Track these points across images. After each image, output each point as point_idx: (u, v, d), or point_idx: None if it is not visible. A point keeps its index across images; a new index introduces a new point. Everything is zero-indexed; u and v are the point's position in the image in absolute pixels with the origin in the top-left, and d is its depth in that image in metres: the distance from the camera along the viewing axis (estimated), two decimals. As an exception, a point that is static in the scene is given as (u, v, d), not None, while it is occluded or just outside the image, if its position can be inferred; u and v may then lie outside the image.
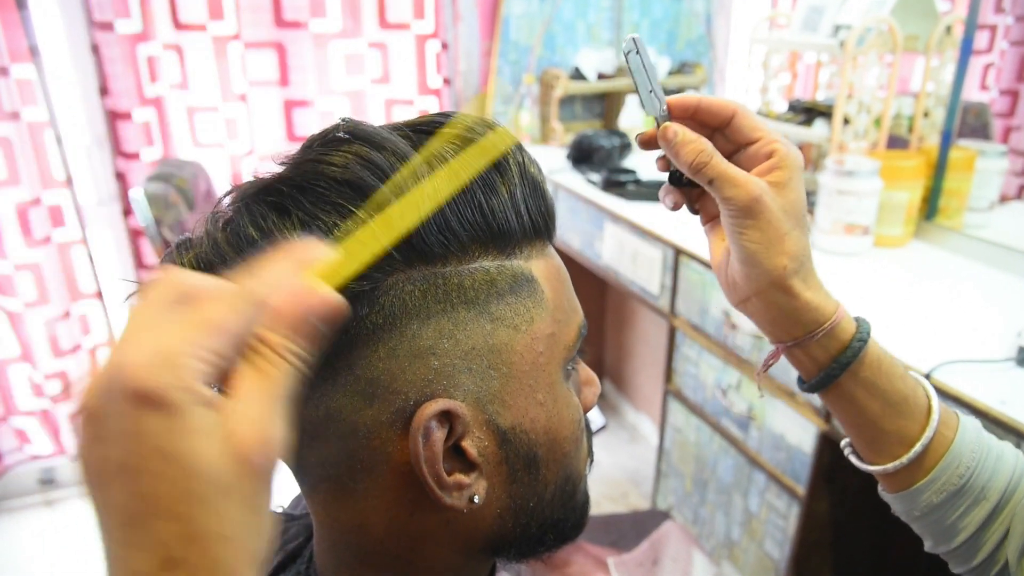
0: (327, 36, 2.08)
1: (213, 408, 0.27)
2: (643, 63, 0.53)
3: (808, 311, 0.53)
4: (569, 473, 0.49)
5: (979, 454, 0.54)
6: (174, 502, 0.26)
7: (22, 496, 2.27)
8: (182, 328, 0.28)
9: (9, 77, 1.79)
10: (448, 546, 0.47)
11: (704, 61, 2.54)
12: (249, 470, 0.27)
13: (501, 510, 0.46)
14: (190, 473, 0.26)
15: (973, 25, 1.52)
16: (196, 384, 0.27)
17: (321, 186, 0.40)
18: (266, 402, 0.28)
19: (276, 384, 0.29)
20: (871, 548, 1.57)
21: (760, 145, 0.52)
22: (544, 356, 0.46)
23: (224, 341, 0.28)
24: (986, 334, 1.21)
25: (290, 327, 0.30)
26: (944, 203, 1.62)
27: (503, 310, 0.44)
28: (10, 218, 1.89)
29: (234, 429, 0.27)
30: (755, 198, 0.50)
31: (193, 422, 0.27)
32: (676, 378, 1.80)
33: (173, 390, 0.26)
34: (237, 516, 0.27)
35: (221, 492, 0.27)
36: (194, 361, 0.27)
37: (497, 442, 0.44)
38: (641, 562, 1.03)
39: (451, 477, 0.43)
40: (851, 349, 0.53)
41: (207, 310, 0.28)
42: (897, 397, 0.54)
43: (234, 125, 2.08)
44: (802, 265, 0.52)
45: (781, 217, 0.51)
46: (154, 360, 0.26)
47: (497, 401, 0.44)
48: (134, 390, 0.26)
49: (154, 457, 0.26)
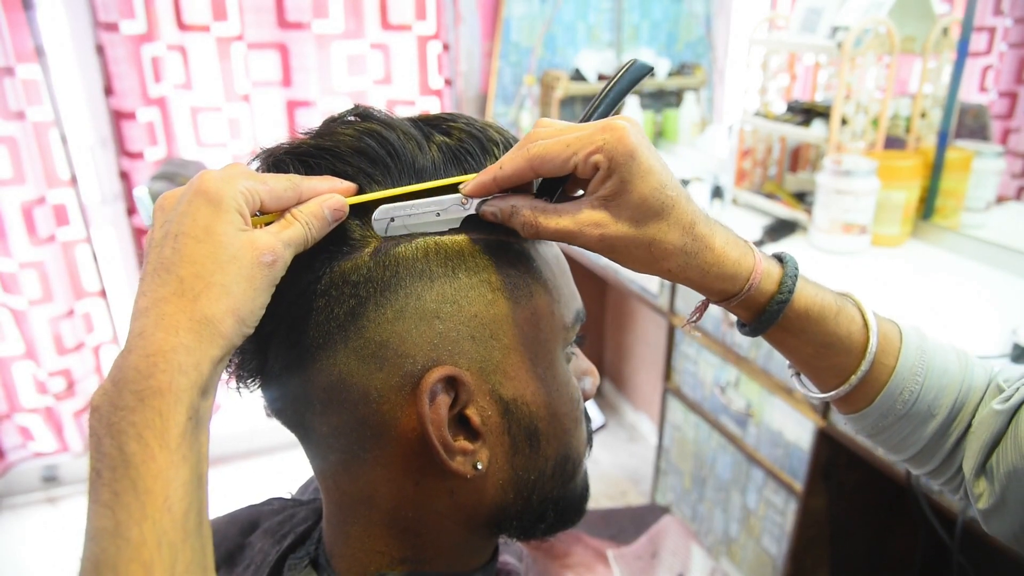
0: (329, 37, 2.09)
1: (244, 220, 0.41)
2: (404, 215, 0.46)
3: (716, 284, 0.48)
4: (568, 452, 0.51)
5: (922, 376, 0.54)
6: (200, 257, 0.39)
7: (25, 493, 2.28)
8: (245, 178, 0.42)
9: (15, 77, 1.80)
10: (453, 518, 0.48)
11: (703, 62, 2.56)
12: (252, 254, 0.40)
13: (503, 481, 0.48)
14: (217, 242, 0.40)
15: (969, 27, 1.54)
16: (240, 204, 0.41)
17: (340, 149, 0.46)
18: (285, 235, 0.42)
19: (288, 230, 0.42)
20: (868, 544, 1.59)
21: (581, 169, 0.44)
22: (544, 333, 0.48)
23: (266, 192, 0.42)
24: (982, 331, 1.22)
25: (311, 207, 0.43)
26: (941, 203, 1.64)
27: (503, 281, 0.47)
28: (15, 217, 1.90)
29: (259, 236, 0.41)
30: (597, 240, 0.45)
31: (231, 216, 0.40)
32: (675, 376, 1.82)
33: (226, 196, 0.40)
34: (235, 277, 0.40)
35: (230, 259, 0.40)
36: (246, 191, 0.41)
37: (500, 412, 0.47)
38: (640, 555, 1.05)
39: (456, 442, 0.45)
40: (768, 312, 0.50)
41: (264, 177, 0.43)
42: (831, 339, 0.52)
43: (237, 125, 2.10)
44: (688, 254, 0.46)
45: (635, 234, 0.45)
46: (221, 177, 0.41)
47: (499, 372, 0.46)
48: (204, 189, 0.40)
49: (198, 229, 0.40)
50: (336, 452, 0.48)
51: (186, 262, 0.39)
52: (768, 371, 1.47)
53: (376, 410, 0.45)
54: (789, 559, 1.50)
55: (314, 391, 0.46)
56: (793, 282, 0.50)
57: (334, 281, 0.45)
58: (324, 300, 0.45)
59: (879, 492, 1.50)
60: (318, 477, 0.51)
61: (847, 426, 0.59)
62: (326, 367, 0.45)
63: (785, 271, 0.51)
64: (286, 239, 0.42)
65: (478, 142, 0.48)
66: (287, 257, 0.42)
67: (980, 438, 0.54)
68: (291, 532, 0.56)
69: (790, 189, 1.90)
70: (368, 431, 0.46)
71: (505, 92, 2.36)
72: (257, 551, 0.55)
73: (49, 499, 2.27)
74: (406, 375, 0.44)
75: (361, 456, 0.47)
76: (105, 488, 0.35)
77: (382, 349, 0.44)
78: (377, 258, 0.45)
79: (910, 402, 0.54)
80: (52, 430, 2.17)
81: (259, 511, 0.61)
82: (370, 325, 0.44)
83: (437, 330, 0.44)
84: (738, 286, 0.49)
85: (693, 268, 0.47)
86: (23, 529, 2.15)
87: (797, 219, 1.71)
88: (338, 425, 0.46)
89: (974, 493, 0.55)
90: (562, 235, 0.45)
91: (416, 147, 0.47)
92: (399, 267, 0.45)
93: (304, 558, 0.53)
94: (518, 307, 0.47)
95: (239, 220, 0.40)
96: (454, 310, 0.45)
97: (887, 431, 0.56)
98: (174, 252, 0.40)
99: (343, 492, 0.49)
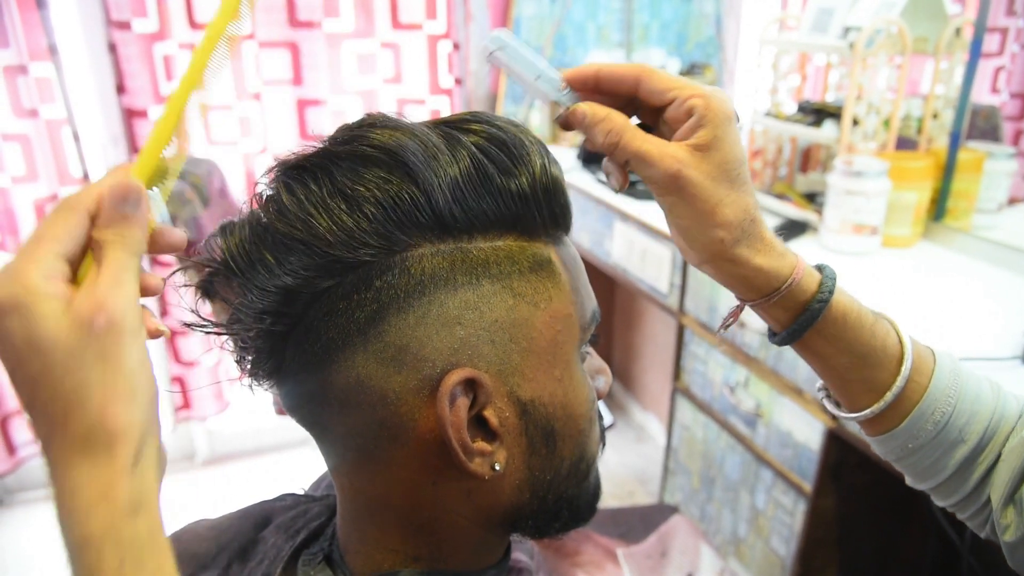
0: (340, 36, 2.10)
1: (60, 297, 0.34)
2: (512, 56, 0.48)
3: (759, 276, 0.49)
4: (583, 452, 0.51)
5: (955, 399, 0.52)
6: (37, 374, 0.34)
7: (36, 489, 2.29)
8: (24, 249, 0.35)
9: (28, 75, 1.81)
10: (469, 517, 0.48)
11: (714, 63, 2.55)
12: (90, 331, 0.34)
13: (520, 481, 0.48)
14: (44, 349, 0.33)
15: (982, 27, 1.53)
16: (41, 284, 0.34)
17: (355, 160, 0.44)
18: (102, 278, 0.35)
19: (108, 265, 0.36)
20: (877, 545, 1.58)
21: (676, 106, 0.47)
22: (562, 335, 0.48)
23: (56, 245, 0.35)
24: (993, 333, 1.22)
25: (102, 221, 0.36)
26: (952, 204, 1.63)
27: (524, 287, 0.47)
28: (28, 214, 1.91)
29: (74, 304, 0.34)
30: (672, 175, 0.46)
31: (40, 311, 0.33)
32: (684, 376, 1.82)
33: (19, 295, 0.33)
34: (91, 370, 0.34)
35: (71, 355, 0.34)
36: (35, 268, 0.34)
37: (517, 413, 0.47)
38: (649, 554, 1.05)
39: (474, 444, 0.45)
40: (810, 311, 0.50)
41: (38, 229, 0.36)
42: (865, 349, 0.52)
43: (248, 123, 2.11)
44: (744, 232, 0.48)
45: (709, 187, 0.46)
46: (4, 283, 0.34)
47: (518, 374, 0.46)
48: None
49: (19, 349, 0.34)
50: (352, 451, 0.48)
51: (33, 389, 0.34)
52: (778, 371, 1.47)
53: (394, 412, 0.45)
54: (798, 560, 1.50)
55: (331, 392, 0.46)
56: (833, 283, 0.51)
57: (356, 285, 0.44)
58: (345, 303, 0.44)
59: (889, 493, 1.49)
60: (333, 475, 0.52)
61: (875, 448, 0.57)
62: (344, 368, 0.45)
63: (824, 274, 0.51)
64: (109, 280, 0.35)
65: (504, 146, 0.46)
66: (124, 296, 0.35)
67: (1010, 467, 0.52)
68: (304, 528, 0.56)
69: (800, 189, 1.89)
70: (385, 432, 0.46)
71: (515, 91, 2.37)
72: (270, 546, 0.56)
73: (59, 495, 2.28)
74: (425, 378, 0.44)
75: (378, 456, 0.47)
76: None
77: (402, 353, 0.44)
78: (402, 265, 0.44)
79: (941, 424, 0.52)
80: (63, 426, 2.18)
81: (272, 507, 0.61)
82: (391, 330, 0.44)
83: (458, 335, 0.44)
84: (780, 280, 0.50)
85: (743, 247, 0.49)
86: (34, 525, 2.17)
87: (808, 219, 1.70)
88: (355, 425, 0.46)
89: (1001, 524, 0.53)
90: (642, 155, 0.47)
91: (437, 155, 0.45)
92: (423, 275, 0.44)
93: (318, 554, 0.53)
94: (537, 311, 0.47)
95: (50, 304, 0.34)
96: (476, 316, 0.45)
97: (915, 455, 0.54)
98: (16, 387, 0.35)
99: (358, 491, 0.49)
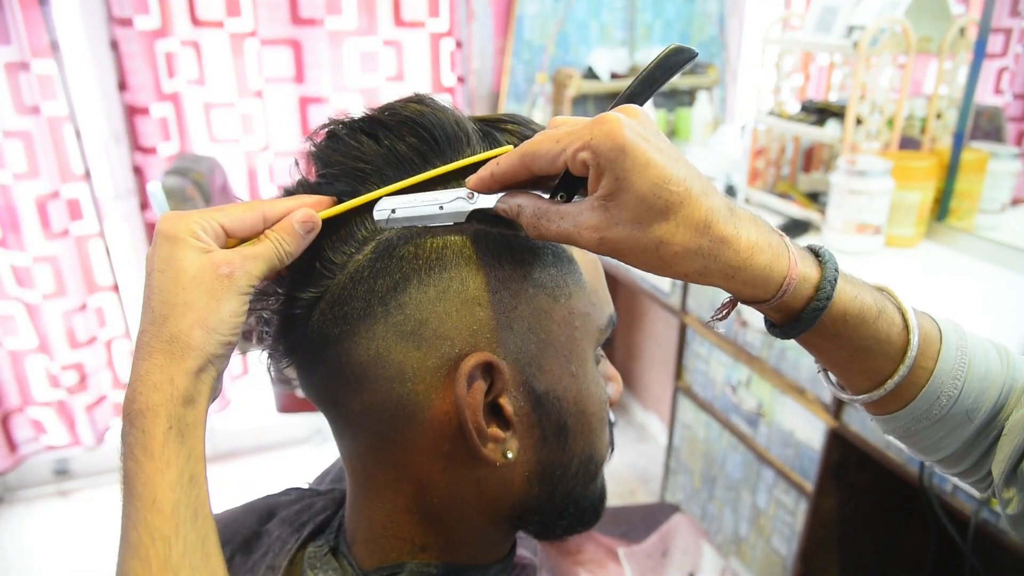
0: (343, 34, 2.09)
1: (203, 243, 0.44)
2: (403, 208, 0.45)
3: (746, 288, 0.44)
4: (593, 451, 0.51)
5: (961, 380, 0.50)
6: (164, 284, 0.43)
7: (37, 486, 2.29)
8: (200, 212, 0.45)
9: (30, 72, 1.81)
10: (476, 508, 0.49)
11: (717, 62, 2.55)
12: (214, 272, 0.44)
13: (529, 474, 0.48)
14: (178, 268, 0.43)
15: (987, 27, 1.53)
16: (195, 229, 0.44)
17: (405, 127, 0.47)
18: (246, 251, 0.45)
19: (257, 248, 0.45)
20: (879, 545, 1.58)
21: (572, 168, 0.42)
22: (579, 332, 0.49)
23: (224, 217, 0.45)
24: (995, 333, 1.22)
25: (280, 225, 0.46)
26: (956, 204, 1.63)
27: (545, 278, 0.47)
28: (29, 211, 1.91)
29: (215, 253, 0.44)
30: (596, 246, 0.42)
31: (187, 246, 0.44)
32: (686, 375, 1.82)
33: (181, 229, 0.44)
34: (198, 297, 0.43)
35: (191, 279, 0.43)
36: (200, 220, 0.45)
37: (532, 404, 0.47)
38: (651, 553, 1.04)
39: (489, 429, 0.45)
40: (804, 319, 0.46)
41: (223, 207, 0.47)
42: (868, 343, 0.49)
43: (250, 121, 2.10)
44: (707, 256, 0.42)
45: (638, 235, 0.41)
46: (177, 215, 0.45)
47: (534, 364, 0.47)
48: (161, 229, 0.45)
49: (162, 262, 0.44)
50: (366, 432, 0.48)
51: (155, 293, 0.44)
52: (780, 371, 1.47)
53: (411, 390, 0.45)
54: (799, 559, 1.50)
55: (350, 366, 0.46)
56: (832, 287, 0.46)
57: (380, 254, 0.46)
58: (369, 271, 0.46)
59: (890, 492, 1.49)
60: (345, 459, 0.52)
61: (879, 426, 0.55)
62: (363, 341, 0.46)
63: (824, 274, 0.46)
64: (248, 253, 0.45)
65: None
66: (249, 268, 0.44)
67: (1011, 442, 0.50)
68: (310, 521, 0.57)
69: (803, 189, 1.89)
70: (401, 411, 0.46)
71: (517, 90, 2.36)
72: (275, 538, 0.56)
73: (61, 492, 2.28)
74: (443, 357, 0.45)
75: (391, 438, 0.47)
76: (122, 504, 0.42)
77: (421, 327, 0.45)
78: (426, 237, 0.46)
79: (947, 407, 0.50)
80: (64, 423, 2.18)
81: (276, 501, 0.61)
82: (411, 302, 0.45)
83: (477, 316, 0.45)
84: (769, 292, 0.44)
85: (714, 273, 0.43)
86: (35, 522, 2.17)
87: (810, 219, 1.70)
88: (371, 403, 0.47)
89: (1003, 498, 0.52)
90: (563, 238, 0.43)
91: (463, 139, 0.48)
92: (446, 249, 0.45)
93: (324, 546, 0.53)
94: (557, 304, 0.47)
95: (197, 245, 0.44)
96: (496, 300, 0.45)
97: (919, 434, 0.52)
98: (147, 288, 0.44)
99: (369, 474, 0.50)
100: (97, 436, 2.23)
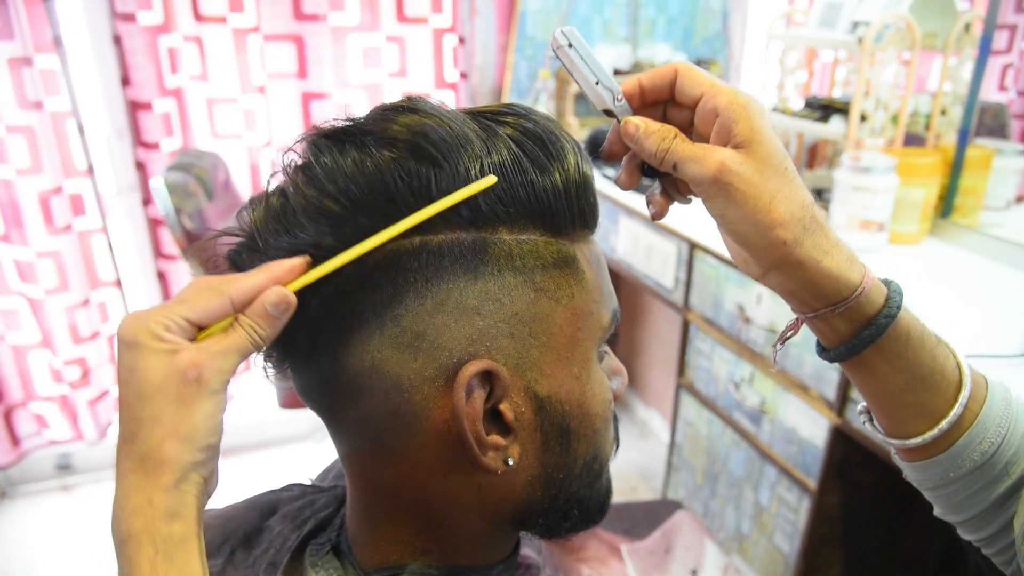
0: (345, 29, 2.09)
1: (169, 346, 0.41)
2: (580, 55, 0.47)
3: (828, 282, 0.46)
4: (597, 452, 0.50)
5: (1006, 429, 0.49)
6: (128, 398, 0.41)
7: (39, 481, 2.30)
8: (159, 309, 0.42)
9: (33, 67, 1.81)
10: (478, 512, 0.48)
11: (720, 58, 2.54)
12: (181, 378, 0.41)
13: (532, 478, 0.47)
14: (140, 378, 0.41)
15: (992, 23, 1.52)
16: (158, 332, 0.41)
17: (381, 140, 0.44)
18: (215, 346, 0.42)
19: (230, 341, 0.42)
20: (881, 542, 1.58)
21: (702, 105, 0.45)
22: (582, 332, 0.47)
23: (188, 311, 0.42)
24: (1000, 330, 1.21)
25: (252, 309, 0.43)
26: (960, 201, 1.62)
27: (546, 282, 0.46)
28: (32, 206, 1.91)
29: (180, 355, 0.41)
30: (716, 169, 0.44)
31: (149, 352, 0.41)
32: (689, 372, 1.81)
33: (139, 333, 0.41)
34: (166, 408, 0.41)
35: (156, 389, 0.41)
36: (160, 319, 0.41)
37: (533, 409, 0.46)
38: (653, 550, 1.04)
39: (489, 437, 0.44)
40: (876, 325, 0.46)
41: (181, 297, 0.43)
42: (924, 371, 0.48)
43: (252, 117, 2.10)
44: (805, 229, 0.45)
45: (757, 182, 0.44)
46: (134, 317, 0.42)
47: (535, 369, 0.46)
48: (120, 336, 0.42)
49: (125, 372, 0.41)
50: (364, 439, 0.48)
51: (123, 408, 0.42)
52: (783, 367, 1.46)
53: (408, 400, 0.44)
54: (801, 557, 1.49)
55: (346, 376, 0.45)
56: (900, 298, 0.47)
57: (377, 265, 0.44)
58: (366, 282, 0.44)
59: (893, 490, 1.49)
60: (344, 463, 0.51)
61: (909, 474, 0.54)
62: (360, 352, 0.44)
63: (891, 288, 0.47)
64: (217, 350, 0.42)
65: (539, 141, 0.45)
66: (220, 365, 0.42)
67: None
68: (312, 518, 0.56)
69: (807, 185, 1.89)
70: (398, 421, 0.45)
71: (520, 86, 2.36)
72: (276, 534, 0.55)
73: (63, 487, 2.29)
74: (441, 367, 0.44)
75: (389, 445, 0.46)
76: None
77: (418, 339, 0.44)
78: (421, 247, 0.44)
79: (988, 454, 0.49)
80: (67, 418, 2.18)
81: (278, 496, 0.61)
82: (408, 314, 0.43)
83: (476, 325, 0.44)
84: (850, 288, 0.46)
85: (807, 248, 0.45)
86: (37, 516, 2.17)
87: (813, 216, 1.69)
88: (368, 412, 0.46)
89: (1022, 551, 0.51)
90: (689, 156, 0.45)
91: (465, 144, 0.44)
92: (444, 259, 0.43)
93: (325, 544, 0.53)
94: (559, 307, 0.46)
95: (161, 348, 0.41)
96: (496, 307, 0.44)
97: (953, 484, 0.51)
98: (117, 403, 0.43)
99: (368, 480, 0.49)
100: (100, 431, 2.23)
